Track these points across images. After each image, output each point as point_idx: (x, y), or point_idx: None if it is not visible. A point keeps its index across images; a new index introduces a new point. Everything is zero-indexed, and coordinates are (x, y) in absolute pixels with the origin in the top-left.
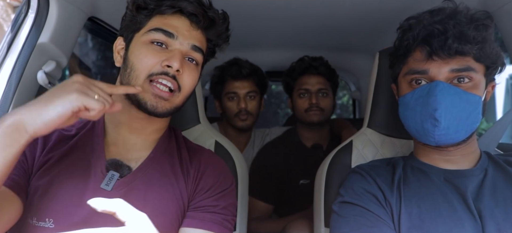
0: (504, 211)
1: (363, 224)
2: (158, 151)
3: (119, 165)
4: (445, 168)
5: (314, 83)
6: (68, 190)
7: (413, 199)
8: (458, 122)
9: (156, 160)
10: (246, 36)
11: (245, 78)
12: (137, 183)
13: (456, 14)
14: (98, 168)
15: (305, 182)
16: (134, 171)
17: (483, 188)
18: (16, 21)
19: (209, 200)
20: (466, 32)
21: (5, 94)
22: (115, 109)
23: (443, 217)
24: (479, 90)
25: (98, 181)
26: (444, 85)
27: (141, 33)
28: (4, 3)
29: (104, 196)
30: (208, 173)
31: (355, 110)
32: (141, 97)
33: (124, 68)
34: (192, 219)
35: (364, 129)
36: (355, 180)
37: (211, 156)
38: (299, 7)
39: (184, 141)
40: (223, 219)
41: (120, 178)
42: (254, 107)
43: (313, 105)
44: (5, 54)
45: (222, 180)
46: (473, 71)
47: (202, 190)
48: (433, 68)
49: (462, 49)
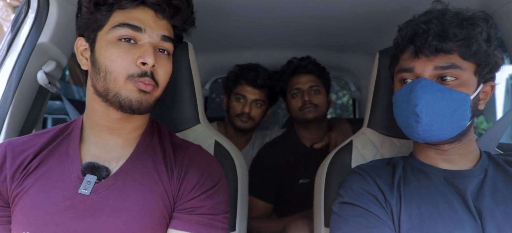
0: (504, 211)
1: (363, 225)
2: (140, 149)
3: (95, 167)
4: (444, 168)
5: (304, 82)
6: (44, 200)
7: (413, 199)
8: (441, 118)
9: (138, 159)
10: (246, 36)
11: (258, 87)
12: (118, 185)
13: (444, 14)
14: (74, 173)
15: (304, 181)
16: (115, 172)
17: (483, 188)
18: (16, 21)
19: (194, 201)
20: (447, 30)
21: (5, 94)
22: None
23: (443, 217)
24: (467, 88)
25: (75, 186)
26: (426, 82)
27: (105, 31)
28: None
29: (83, 201)
30: (191, 172)
31: (355, 110)
32: (125, 96)
33: (95, 71)
34: (179, 220)
35: (364, 128)
36: (355, 180)
37: (196, 153)
38: (299, 7)
39: (169, 136)
40: (212, 219)
41: (99, 181)
42: (258, 114)
43: (306, 103)
44: (5, 54)
45: (206, 178)
46: (459, 69)
47: (186, 190)
48: (418, 66)
49: (443, 46)
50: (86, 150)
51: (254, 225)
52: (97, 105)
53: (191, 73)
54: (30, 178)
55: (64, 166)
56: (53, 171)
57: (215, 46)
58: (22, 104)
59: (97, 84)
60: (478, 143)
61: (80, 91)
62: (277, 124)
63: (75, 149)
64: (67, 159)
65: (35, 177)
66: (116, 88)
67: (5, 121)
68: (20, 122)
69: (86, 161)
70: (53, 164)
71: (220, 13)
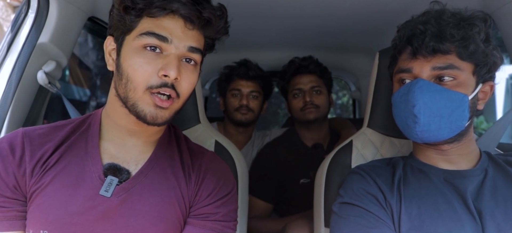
0: (504, 211)
1: (363, 225)
2: (159, 153)
3: (117, 169)
4: (444, 168)
5: (306, 82)
6: (64, 199)
7: (413, 199)
8: (439, 118)
9: (157, 162)
10: (246, 36)
11: (251, 79)
12: (137, 188)
13: (442, 14)
14: (95, 173)
15: (305, 181)
16: (134, 175)
17: (483, 188)
18: (16, 21)
19: (209, 207)
20: (444, 30)
21: (5, 94)
22: None
23: (443, 218)
24: (465, 88)
25: (96, 187)
26: (424, 83)
27: (132, 37)
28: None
29: (103, 203)
30: (208, 178)
31: (355, 110)
32: (141, 109)
33: (118, 76)
34: (193, 226)
35: (364, 128)
36: (355, 180)
37: (212, 160)
38: (299, 7)
39: (185, 140)
40: (224, 226)
41: (119, 183)
42: (255, 105)
43: (308, 103)
44: (5, 54)
45: (222, 185)
46: (457, 69)
47: (203, 196)
48: (416, 67)
49: (440, 47)
50: (104, 149)
51: (254, 225)
52: (119, 106)
53: None
54: (49, 174)
55: (83, 164)
56: (72, 168)
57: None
58: (22, 104)
59: (119, 89)
60: (478, 143)
61: (80, 91)
62: (277, 124)
63: (95, 147)
64: (86, 156)
65: (53, 173)
66: (135, 98)
67: (5, 121)
68: (20, 121)
69: (105, 160)
70: (72, 161)
71: None
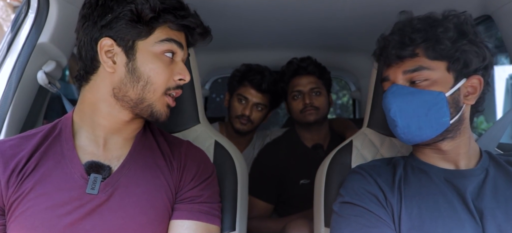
0: (505, 212)
1: (363, 225)
2: (138, 146)
3: (99, 166)
4: (444, 167)
5: (305, 84)
6: (50, 203)
7: (413, 199)
8: (417, 119)
9: (138, 155)
10: (246, 36)
11: (262, 91)
12: (122, 181)
13: (408, 22)
14: (77, 174)
15: (305, 182)
16: (117, 169)
17: (484, 188)
18: (16, 21)
19: (194, 190)
20: (404, 37)
21: (5, 94)
22: None
23: (444, 217)
24: (441, 86)
25: (81, 186)
26: (397, 87)
27: (150, 42)
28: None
29: (91, 200)
30: (189, 163)
31: (355, 110)
32: (157, 109)
33: (133, 79)
34: (181, 211)
35: (364, 128)
36: (355, 180)
37: (190, 146)
38: (299, 7)
39: (160, 133)
40: (210, 207)
41: (103, 179)
42: (258, 118)
43: (307, 105)
44: (5, 54)
45: (203, 168)
46: (427, 69)
47: (187, 180)
48: (391, 74)
49: (402, 53)
50: (82, 150)
51: (254, 225)
52: (106, 107)
53: (191, 73)
54: (27, 182)
55: (62, 167)
56: (52, 173)
57: (215, 46)
58: (22, 104)
59: (129, 92)
60: (478, 143)
61: None
62: (277, 124)
63: (71, 149)
64: (64, 159)
65: (33, 180)
66: (153, 99)
67: (5, 121)
68: (20, 121)
69: (84, 159)
70: (50, 166)
71: (220, 13)
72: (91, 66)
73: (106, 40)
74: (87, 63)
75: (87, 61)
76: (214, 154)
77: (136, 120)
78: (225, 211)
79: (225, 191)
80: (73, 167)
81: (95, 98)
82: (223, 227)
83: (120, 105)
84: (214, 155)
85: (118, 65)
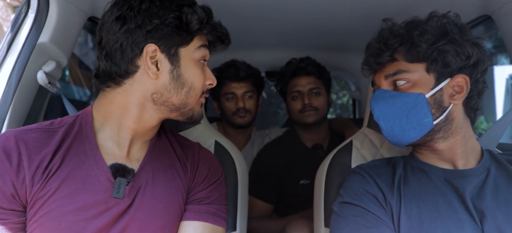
0: (505, 213)
1: (363, 225)
2: (155, 148)
3: (124, 169)
4: (444, 167)
5: (304, 84)
6: (76, 205)
7: (413, 200)
8: (399, 121)
9: (155, 157)
10: (245, 36)
11: (242, 80)
12: (143, 184)
13: (388, 30)
14: (103, 176)
15: (305, 182)
16: (136, 172)
17: (485, 188)
18: (16, 21)
19: (203, 192)
20: (380, 44)
21: (5, 94)
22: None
23: (443, 218)
24: (421, 88)
25: (107, 189)
26: (379, 92)
27: (191, 50)
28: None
29: (116, 204)
30: (201, 165)
31: (355, 110)
32: (197, 111)
33: (178, 85)
34: (189, 212)
35: (364, 128)
36: (355, 180)
37: (201, 149)
38: (299, 7)
39: (173, 135)
40: (217, 209)
41: (127, 183)
42: (252, 105)
43: (307, 106)
44: (5, 54)
45: (213, 170)
46: (406, 72)
47: (198, 181)
48: (377, 79)
49: (379, 60)
50: (105, 150)
51: (254, 225)
52: (139, 111)
53: None
54: (53, 181)
55: (87, 167)
56: (76, 173)
57: None
58: (22, 104)
59: (173, 98)
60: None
61: (80, 91)
62: (277, 124)
63: (94, 149)
64: (88, 159)
65: (58, 180)
66: (193, 103)
67: (5, 121)
68: (20, 122)
69: (108, 161)
70: (74, 165)
71: (220, 13)
72: (127, 70)
73: (151, 46)
74: (122, 67)
75: (123, 64)
76: (214, 153)
77: (158, 123)
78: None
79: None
80: (98, 168)
81: (127, 101)
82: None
83: (156, 109)
84: (214, 155)
85: (162, 72)
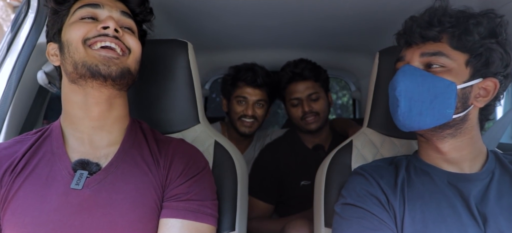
0: (508, 218)
1: (366, 227)
2: (127, 144)
3: (86, 163)
4: (448, 170)
5: (302, 90)
6: (37, 199)
7: (417, 203)
8: (421, 103)
9: (126, 154)
10: (245, 36)
11: (258, 87)
12: (110, 178)
13: (441, 7)
14: (64, 170)
15: (306, 183)
16: (105, 167)
17: (489, 192)
18: (16, 21)
19: (181, 187)
20: (432, 19)
21: (5, 94)
22: None
23: (447, 223)
24: (454, 77)
25: (67, 182)
26: (409, 67)
27: (68, 21)
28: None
29: (76, 196)
30: (177, 160)
31: (355, 110)
32: (91, 62)
33: (63, 55)
34: (167, 209)
35: (364, 128)
36: (357, 181)
37: (179, 144)
38: (299, 7)
39: (152, 132)
40: (199, 205)
41: (90, 175)
42: (261, 114)
43: (307, 113)
44: (5, 54)
45: (192, 164)
46: (446, 57)
47: (173, 177)
48: (408, 54)
49: (427, 33)
50: (72, 149)
51: (254, 226)
52: (74, 95)
53: (190, 73)
54: (17, 180)
55: (51, 164)
56: (40, 170)
57: (215, 46)
58: (22, 104)
59: (66, 66)
60: None
61: None
62: (277, 124)
63: (60, 147)
64: (53, 157)
65: (22, 178)
66: (81, 58)
67: (5, 121)
68: (20, 121)
69: (74, 158)
70: (39, 163)
71: (220, 12)
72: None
73: (50, 45)
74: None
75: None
76: (214, 154)
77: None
78: (225, 211)
79: (225, 191)
80: (62, 163)
81: (65, 93)
82: (223, 227)
83: (78, 85)
84: (214, 155)
85: (58, 56)
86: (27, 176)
